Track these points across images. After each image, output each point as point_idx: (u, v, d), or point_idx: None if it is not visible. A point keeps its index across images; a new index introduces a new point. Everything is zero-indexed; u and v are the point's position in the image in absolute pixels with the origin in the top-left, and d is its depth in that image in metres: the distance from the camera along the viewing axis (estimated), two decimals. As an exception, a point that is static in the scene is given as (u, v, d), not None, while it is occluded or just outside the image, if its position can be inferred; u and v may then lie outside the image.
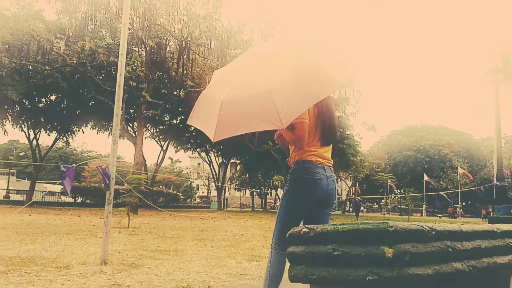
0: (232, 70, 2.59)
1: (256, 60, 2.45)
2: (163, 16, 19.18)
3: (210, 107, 2.40)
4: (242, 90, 2.31)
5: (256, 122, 2.32)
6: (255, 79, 2.33)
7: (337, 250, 2.05)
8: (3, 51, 19.38)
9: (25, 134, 25.45)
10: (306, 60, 2.30)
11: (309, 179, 2.56)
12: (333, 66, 2.33)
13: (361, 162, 37.31)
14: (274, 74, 2.26)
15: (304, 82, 2.22)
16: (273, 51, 2.53)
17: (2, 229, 8.63)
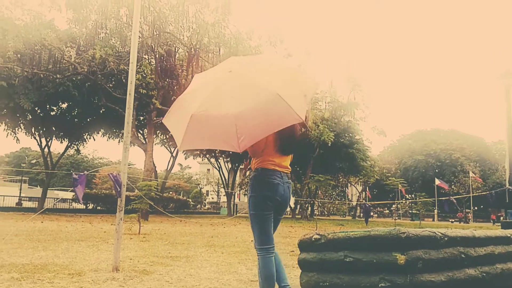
0: (208, 82, 2.75)
1: (230, 79, 2.61)
2: (172, 24, 19.36)
3: (182, 115, 2.60)
4: (211, 108, 2.51)
5: (218, 142, 2.63)
6: (225, 100, 2.51)
7: (348, 257, 2.05)
8: (16, 61, 19.66)
9: (37, 142, 25.73)
10: (273, 90, 2.44)
11: (268, 183, 2.81)
12: (296, 98, 2.50)
13: (371, 167, 37.07)
14: (241, 100, 2.47)
15: (266, 113, 2.43)
16: (247, 73, 2.66)
17: (15, 236, 8.72)
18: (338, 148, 32.18)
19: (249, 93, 2.50)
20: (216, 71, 2.90)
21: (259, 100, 2.43)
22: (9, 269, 4.70)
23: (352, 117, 32.24)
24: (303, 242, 2.28)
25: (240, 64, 2.81)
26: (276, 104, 2.40)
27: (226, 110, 2.42)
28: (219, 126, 2.46)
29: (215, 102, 2.53)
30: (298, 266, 2.20)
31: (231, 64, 2.83)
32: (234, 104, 2.43)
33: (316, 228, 16.85)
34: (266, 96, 2.43)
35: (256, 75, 2.60)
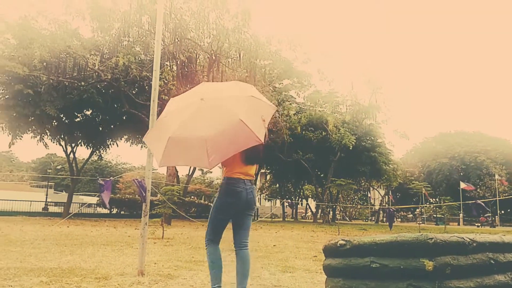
0: (183, 107, 3.20)
1: (202, 106, 3.08)
2: (193, 30, 19.58)
3: (161, 136, 3.08)
4: (186, 132, 2.99)
5: (192, 160, 3.26)
6: (197, 124, 3.00)
7: (375, 263, 2.03)
8: (41, 69, 20.19)
9: (62, 148, 26.28)
10: (237, 117, 2.93)
11: (232, 190, 3.37)
12: (256, 123, 3.00)
13: (394, 171, 36.53)
14: (211, 125, 2.96)
15: (231, 137, 2.94)
16: (216, 101, 3.14)
17: (42, 240, 8.93)
18: (359, 151, 31.85)
19: (218, 119, 2.99)
20: (190, 96, 3.32)
21: (226, 125, 2.93)
22: (38, 273, 4.83)
23: (374, 120, 31.88)
24: (328, 247, 2.28)
25: (211, 93, 3.24)
26: (240, 129, 2.89)
27: (199, 133, 2.90)
28: (192, 147, 2.94)
29: (189, 126, 3.00)
30: (322, 271, 2.19)
31: (203, 91, 3.29)
32: (205, 128, 2.91)
33: (339, 233, 16.69)
34: (232, 122, 2.92)
35: (223, 103, 3.09)
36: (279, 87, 31.49)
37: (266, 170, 42.22)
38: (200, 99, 3.11)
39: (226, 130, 2.91)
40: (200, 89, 3.39)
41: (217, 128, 2.92)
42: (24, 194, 29.39)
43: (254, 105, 3.17)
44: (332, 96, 31.02)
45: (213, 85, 3.65)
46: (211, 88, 3.44)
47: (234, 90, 3.33)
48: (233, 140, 2.96)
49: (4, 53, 20.71)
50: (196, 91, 3.37)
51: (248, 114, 2.99)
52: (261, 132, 2.96)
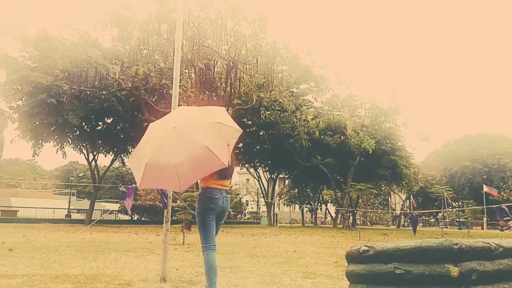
0: (156, 135, 3.56)
1: (173, 134, 3.42)
2: (210, 37, 19.76)
3: (139, 162, 3.42)
4: (159, 158, 3.31)
5: (166, 184, 3.80)
6: (169, 151, 3.33)
7: (399, 269, 2.01)
8: (64, 78, 20.67)
9: (84, 156, 26.77)
10: (202, 144, 3.28)
11: (211, 197, 3.86)
12: (221, 148, 3.35)
13: (415, 174, 35.96)
14: (180, 152, 3.29)
15: (197, 162, 3.33)
16: (186, 129, 3.46)
17: (66, 247, 9.09)
18: (379, 155, 31.49)
19: (186, 147, 3.32)
20: (164, 124, 3.69)
21: (193, 152, 3.29)
22: (63, 280, 4.92)
23: (393, 123, 31.46)
24: (351, 253, 2.27)
25: (183, 120, 3.60)
26: (205, 155, 3.25)
27: (169, 160, 3.25)
28: (165, 172, 3.30)
29: (161, 153, 3.33)
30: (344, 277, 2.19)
31: (178, 118, 3.71)
32: (174, 155, 3.26)
33: (359, 238, 16.51)
34: (198, 149, 3.27)
35: (192, 131, 3.41)
36: (297, 92, 31.44)
37: (285, 175, 42.10)
38: (173, 127, 3.45)
39: (192, 156, 3.26)
40: (175, 116, 3.83)
41: (184, 155, 3.26)
42: (48, 202, 30.00)
43: (220, 131, 3.50)
44: (350, 100, 30.79)
45: (188, 112, 4.03)
46: (185, 115, 3.81)
47: (204, 117, 3.64)
48: (200, 165, 3.37)
49: (27, 64, 21.31)
50: (172, 118, 3.76)
51: (213, 140, 3.34)
52: (225, 156, 3.34)
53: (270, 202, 37.72)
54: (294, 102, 28.34)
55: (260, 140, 31.66)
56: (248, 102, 23.14)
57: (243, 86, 21.98)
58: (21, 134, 23.38)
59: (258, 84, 22.18)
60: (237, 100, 22.81)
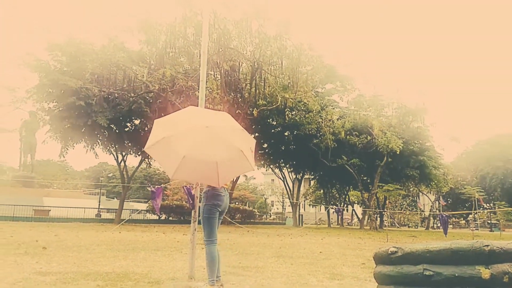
0: (189, 131, 3.76)
1: (208, 134, 3.70)
2: (235, 39, 19.89)
3: (171, 153, 3.64)
4: (199, 155, 3.60)
5: (203, 178, 3.99)
6: (209, 149, 3.64)
7: (428, 270, 1.99)
8: (93, 81, 21.20)
9: (113, 157, 27.34)
10: (238, 148, 3.71)
11: (217, 195, 4.22)
12: (249, 153, 3.81)
13: (444, 175, 35.15)
14: (220, 152, 3.65)
15: (235, 164, 3.75)
16: (218, 130, 3.80)
17: (97, 246, 9.31)
18: (407, 155, 30.93)
19: (225, 148, 3.68)
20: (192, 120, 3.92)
21: (232, 154, 3.68)
22: (94, 277, 5.06)
23: (422, 122, 30.84)
24: (378, 255, 2.25)
25: (210, 120, 3.88)
26: (241, 158, 3.68)
27: (212, 158, 3.56)
28: (205, 168, 3.63)
29: (201, 150, 3.62)
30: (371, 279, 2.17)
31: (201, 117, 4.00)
32: (216, 153, 3.59)
33: (387, 239, 16.27)
34: (235, 151, 3.68)
35: (225, 133, 3.79)
36: (322, 92, 31.23)
37: (310, 175, 41.87)
38: (206, 126, 3.73)
39: (231, 157, 3.66)
40: (193, 114, 4.11)
41: (223, 155, 3.64)
42: (78, 202, 30.70)
43: (245, 138, 3.92)
44: (377, 99, 30.33)
45: (206, 112, 4.32)
46: (207, 115, 4.10)
47: (227, 121, 3.99)
48: (236, 167, 3.80)
49: (57, 68, 21.96)
50: (189, 116, 4.05)
51: (243, 145, 3.75)
52: (253, 161, 3.78)
53: (296, 203, 37.58)
54: (319, 102, 28.15)
55: (285, 141, 31.61)
56: (272, 103, 23.17)
57: (268, 87, 22.01)
58: (52, 135, 24.11)
59: (283, 84, 22.17)
60: (262, 101, 22.87)
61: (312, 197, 51.15)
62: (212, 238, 4.25)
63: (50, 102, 22.82)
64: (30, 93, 22.48)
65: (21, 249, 7.94)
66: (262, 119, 27.02)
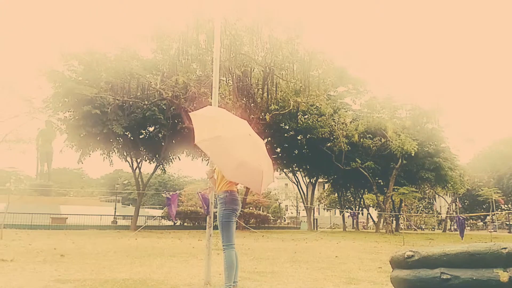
0: (242, 137, 3.96)
1: (252, 142, 3.97)
2: (247, 45, 19.99)
3: (229, 156, 3.83)
4: (252, 161, 3.84)
5: (250, 183, 4.05)
6: (256, 158, 3.90)
7: (445, 274, 1.97)
8: (107, 90, 21.49)
9: (128, 164, 27.61)
10: (270, 160, 4.10)
11: (236, 200, 4.31)
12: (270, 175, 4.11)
13: (460, 177, 34.63)
14: (264, 161, 3.94)
15: (270, 172, 4.04)
16: (256, 140, 4.08)
17: (114, 253, 9.40)
18: (422, 157, 30.59)
19: (265, 158, 3.98)
20: (234, 125, 4.10)
21: (269, 162, 4.02)
22: (112, 284, 5.12)
23: (436, 124, 30.49)
24: (395, 259, 2.24)
25: (246, 128, 4.04)
26: (271, 167, 4.10)
27: (260, 167, 3.79)
28: (253, 174, 3.82)
29: (253, 157, 3.85)
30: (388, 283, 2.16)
31: (247, 130, 4.05)
32: (261, 163, 3.84)
33: (403, 243, 16.10)
34: (269, 163, 4.01)
35: (261, 145, 4.10)
36: (334, 95, 31.12)
37: (324, 179, 41.68)
38: (248, 134, 3.95)
39: (269, 168, 3.97)
40: (231, 118, 4.23)
41: (266, 164, 3.90)
42: (95, 209, 31.01)
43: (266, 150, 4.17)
44: (390, 101, 30.10)
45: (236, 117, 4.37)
46: (240, 122, 4.19)
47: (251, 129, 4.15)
48: (271, 176, 4.04)
49: (72, 78, 22.34)
50: (230, 119, 4.20)
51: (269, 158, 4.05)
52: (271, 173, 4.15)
53: (310, 207, 37.42)
54: (331, 106, 28.05)
55: (298, 145, 31.55)
56: (285, 107, 23.18)
57: (280, 92, 22.04)
58: (69, 144, 24.48)
59: (295, 89, 22.17)
60: (274, 106, 22.89)
61: (327, 201, 50.89)
62: (231, 242, 4.31)
63: (66, 111, 23.19)
64: (46, 103, 22.89)
65: (39, 257, 8.06)
66: (275, 123, 27.03)
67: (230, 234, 4.28)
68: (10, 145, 29.46)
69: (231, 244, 4.30)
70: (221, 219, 4.30)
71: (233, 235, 4.32)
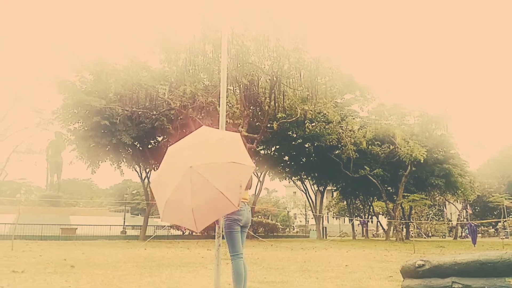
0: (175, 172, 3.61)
1: (191, 175, 3.45)
2: (254, 54, 20.09)
3: (161, 195, 3.62)
4: (177, 198, 3.52)
5: (184, 223, 3.72)
6: (186, 194, 3.45)
7: (457, 283, 1.96)
8: (116, 101, 21.69)
9: (137, 174, 27.75)
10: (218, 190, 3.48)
11: (237, 210, 3.99)
12: (234, 191, 3.57)
13: (471, 183, 34.28)
14: (197, 195, 3.45)
15: (212, 207, 3.56)
16: (201, 170, 3.51)
17: (123, 263, 9.42)
18: (431, 164, 30.37)
19: (202, 191, 3.43)
20: (182, 158, 3.69)
21: (208, 197, 3.43)
22: (123, 295, 5.14)
23: (445, 130, 30.28)
24: (406, 268, 2.23)
25: (199, 158, 3.56)
26: (219, 200, 3.43)
27: (187, 203, 3.40)
28: (183, 212, 3.49)
29: (180, 193, 3.45)
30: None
31: (194, 153, 3.67)
32: (192, 198, 3.40)
33: (414, 251, 15.94)
34: (214, 194, 3.41)
35: (208, 175, 3.46)
36: (341, 102, 31.09)
37: (332, 187, 41.51)
38: (189, 166, 3.48)
39: (208, 200, 3.44)
40: (192, 147, 3.84)
41: (200, 199, 3.43)
42: (104, 219, 31.14)
43: (234, 173, 3.57)
44: (398, 108, 29.99)
45: (205, 143, 3.86)
46: (202, 150, 3.73)
47: (220, 154, 3.63)
48: (215, 209, 3.57)
49: (82, 89, 22.60)
50: (189, 150, 3.80)
51: (227, 184, 3.50)
52: (237, 199, 3.55)
53: (319, 215, 37.22)
54: (339, 113, 28.01)
55: (306, 153, 31.51)
56: (292, 115, 23.20)
57: (287, 100, 22.08)
58: (78, 155, 24.69)
59: (302, 97, 22.21)
60: (282, 114, 22.92)
61: (336, 209, 50.61)
62: (237, 252, 4.29)
63: (76, 122, 23.42)
64: (56, 114, 23.14)
65: (50, 268, 8.11)
66: (282, 131, 27.04)
67: (235, 243, 4.28)
68: (21, 156, 29.81)
69: (237, 254, 4.30)
70: (224, 229, 4.34)
71: (238, 244, 4.30)
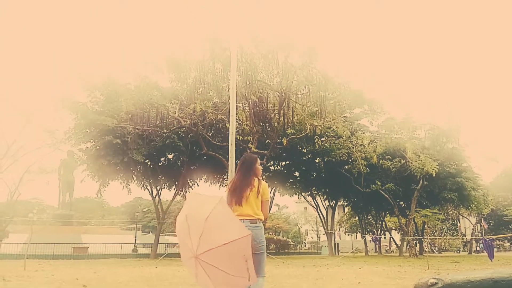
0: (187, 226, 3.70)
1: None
2: (262, 71, 20.31)
3: (187, 252, 3.66)
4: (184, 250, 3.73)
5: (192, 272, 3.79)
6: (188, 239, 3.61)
7: (470, 302, 1.96)
8: (127, 120, 21.99)
9: (148, 192, 27.86)
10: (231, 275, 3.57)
11: None
12: (240, 267, 3.57)
13: (484, 196, 33.81)
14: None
15: None
16: (209, 260, 3.53)
17: (134, 282, 9.43)
18: (444, 178, 30.08)
19: (216, 276, 3.53)
20: (187, 243, 3.61)
21: (225, 280, 3.54)
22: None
23: (457, 143, 30.03)
24: (418, 287, 2.23)
25: (199, 249, 3.48)
26: (234, 279, 3.48)
27: (211, 286, 3.55)
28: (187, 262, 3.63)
29: (203, 279, 3.58)
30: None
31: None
32: (212, 283, 3.56)
33: (428, 267, 15.69)
34: (226, 276, 3.50)
35: (213, 262, 3.48)
36: (351, 117, 31.08)
37: (344, 202, 41.19)
38: (195, 256, 3.49)
39: (226, 282, 3.51)
40: (189, 228, 3.63)
41: (220, 281, 3.52)
42: (115, 237, 31.15)
43: (235, 251, 3.47)
44: (408, 122, 29.89)
45: (197, 224, 3.59)
46: (196, 232, 3.54)
47: (214, 237, 3.48)
48: (235, 285, 3.55)
49: (94, 109, 22.98)
50: (188, 227, 3.63)
51: (233, 265, 3.47)
52: (245, 273, 3.46)
53: (331, 232, 36.86)
54: (348, 128, 27.98)
55: (316, 168, 31.41)
56: (301, 131, 23.25)
57: (296, 116, 22.16)
58: (90, 174, 24.94)
59: (311, 112, 22.27)
60: (291, 130, 22.99)
61: (347, 225, 50.10)
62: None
63: (87, 142, 23.75)
64: (68, 134, 23.50)
65: (62, 287, 8.15)
66: (292, 147, 27.04)
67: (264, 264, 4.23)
68: (34, 175, 30.17)
69: (264, 275, 4.25)
70: (263, 250, 4.24)
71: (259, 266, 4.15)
